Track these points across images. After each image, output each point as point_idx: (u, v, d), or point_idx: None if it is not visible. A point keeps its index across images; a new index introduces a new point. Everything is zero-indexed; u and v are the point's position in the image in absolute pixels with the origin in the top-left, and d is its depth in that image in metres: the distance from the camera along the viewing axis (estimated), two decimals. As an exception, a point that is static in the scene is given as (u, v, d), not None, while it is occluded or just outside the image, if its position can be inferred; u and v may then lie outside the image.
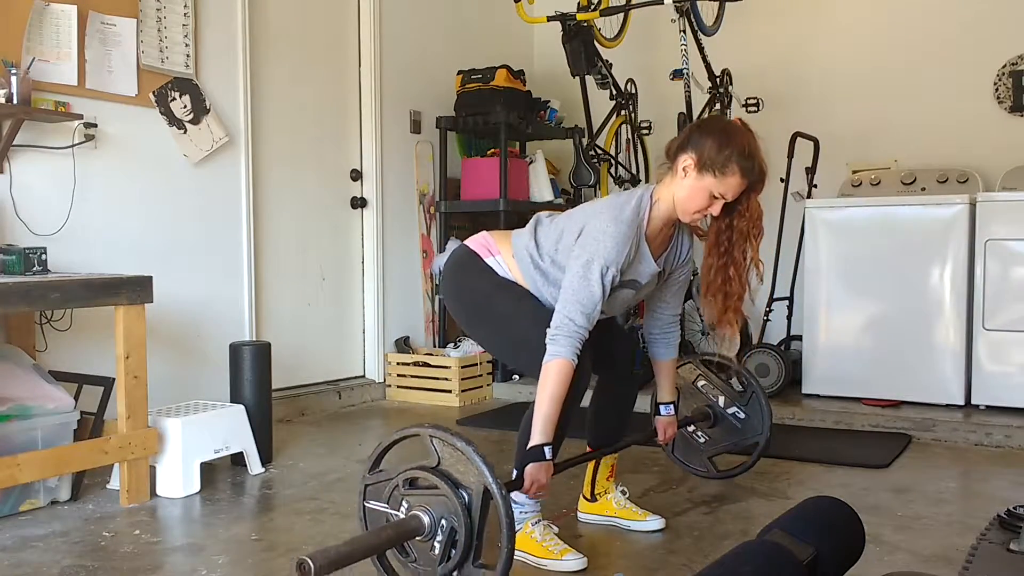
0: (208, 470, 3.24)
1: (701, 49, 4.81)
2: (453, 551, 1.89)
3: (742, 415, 3.00)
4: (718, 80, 4.94)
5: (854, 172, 5.00)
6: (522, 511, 2.42)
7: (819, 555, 1.70)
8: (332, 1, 4.75)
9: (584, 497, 2.76)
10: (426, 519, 1.91)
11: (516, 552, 2.39)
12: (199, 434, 3.15)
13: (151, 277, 2.99)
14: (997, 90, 4.79)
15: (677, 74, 4.66)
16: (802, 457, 3.52)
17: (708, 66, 4.86)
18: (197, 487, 3.10)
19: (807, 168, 4.84)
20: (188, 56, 3.90)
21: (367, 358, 4.98)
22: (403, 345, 5.03)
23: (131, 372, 2.93)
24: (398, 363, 4.92)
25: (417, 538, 1.92)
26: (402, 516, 1.95)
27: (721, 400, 3.03)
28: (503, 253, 2.47)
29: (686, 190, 2.31)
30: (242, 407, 3.34)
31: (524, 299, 2.43)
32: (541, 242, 2.43)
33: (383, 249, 4.95)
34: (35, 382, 2.91)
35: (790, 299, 4.76)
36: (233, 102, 4.14)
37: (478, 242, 2.53)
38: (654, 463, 3.46)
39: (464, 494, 1.89)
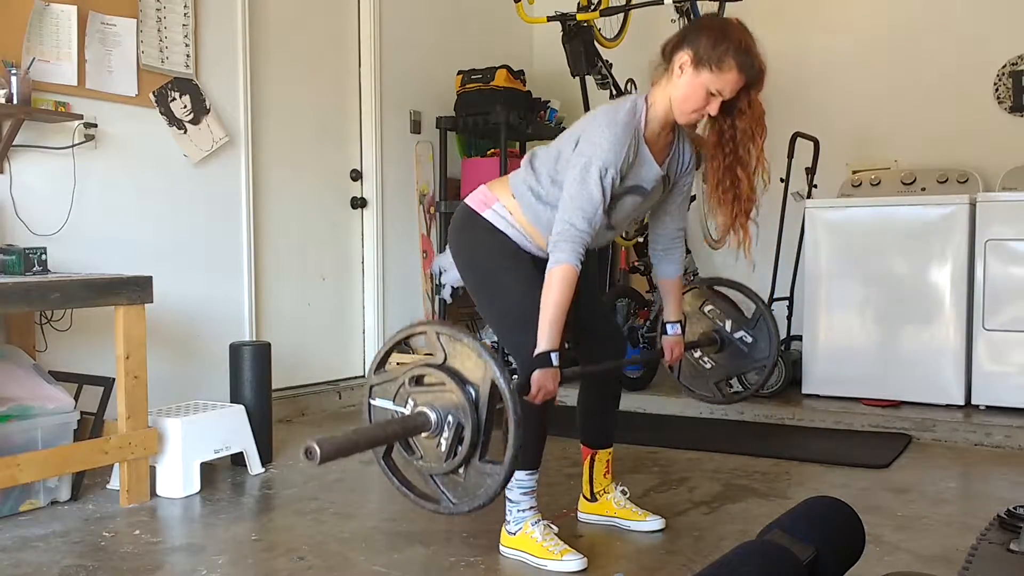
0: (208, 470, 3.24)
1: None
2: (459, 447, 1.88)
3: (749, 339, 2.96)
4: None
5: (854, 172, 5.00)
6: (522, 511, 2.43)
7: (819, 555, 1.70)
8: (332, 1, 4.75)
9: (584, 497, 2.75)
10: (433, 416, 1.90)
11: (516, 552, 2.41)
12: (199, 434, 3.15)
13: (151, 277, 2.99)
14: (997, 90, 4.79)
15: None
16: (802, 457, 3.52)
17: (708, 66, 4.85)
18: (197, 487, 3.10)
19: (807, 168, 4.84)
20: (188, 56, 3.90)
21: (367, 358, 4.98)
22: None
23: (131, 372, 2.93)
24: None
25: (423, 434, 1.91)
26: (408, 413, 1.93)
27: (728, 325, 2.99)
28: (501, 198, 2.45)
29: (683, 88, 2.29)
30: (242, 407, 3.34)
31: (517, 284, 2.39)
32: (539, 168, 2.40)
33: (383, 249, 4.95)
34: (35, 382, 2.91)
35: (790, 299, 4.76)
36: (233, 102, 4.14)
37: (476, 197, 2.51)
38: (654, 463, 3.47)
39: (471, 390, 1.88)
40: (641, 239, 4.88)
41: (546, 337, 2.21)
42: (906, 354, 4.17)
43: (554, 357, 2.20)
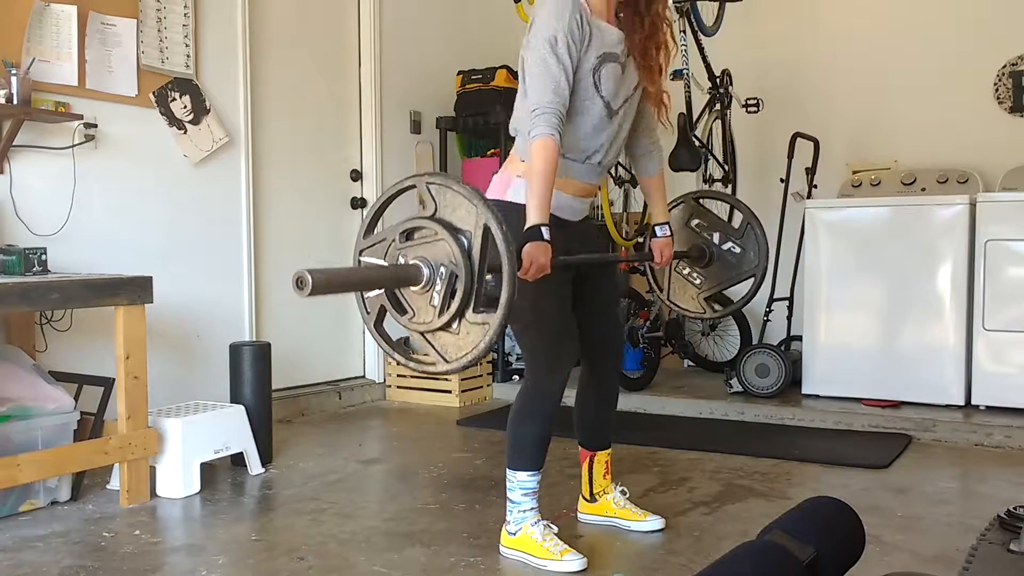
0: (208, 470, 3.24)
1: (701, 49, 4.81)
2: (452, 300, 1.85)
3: (737, 250, 2.91)
4: (718, 80, 4.94)
5: (854, 172, 5.00)
6: (522, 511, 2.43)
7: (819, 555, 1.70)
8: (332, 1, 4.75)
9: (584, 498, 2.75)
10: (425, 269, 1.87)
11: (516, 553, 2.41)
12: (199, 434, 3.15)
13: (151, 277, 2.99)
14: (997, 90, 4.79)
15: (677, 74, 4.65)
16: (802, 457, 3.52)
17: (708, 66, 4.85)
18: (197, 487, 3.10)
19: (807, 168, 4.84)
20: (188, 56, 3.90)
21: (367, 358, 4.98)
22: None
23: (131, 372, 2.93)
24: (398, 363, 4.90)
25: (415, 289, 1.88)
26: None
27: (716, 237, 2.94)
28: (515, 171, 2.44)
29: None
30: (242, 407, 3.34)
31: (550, 304, 2.40)
32: (519, 105, 2.43)
33: (383, 249, 4.94)
34: (35, 382, 2.91)
35: (790, 299, 4.76)
36: (233, 102, 4.14)
37: (495, 187, 2.50)
38: (654, 463, 3.47)
39: (463, 238, 1.85)
40: (641, 239, 4.88)
41: (536, 210, 2.20)
42: (906, 354, 4.16)
43: (544, 231, 2.19)
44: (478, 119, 5.03)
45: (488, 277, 1.88)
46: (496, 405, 4.73)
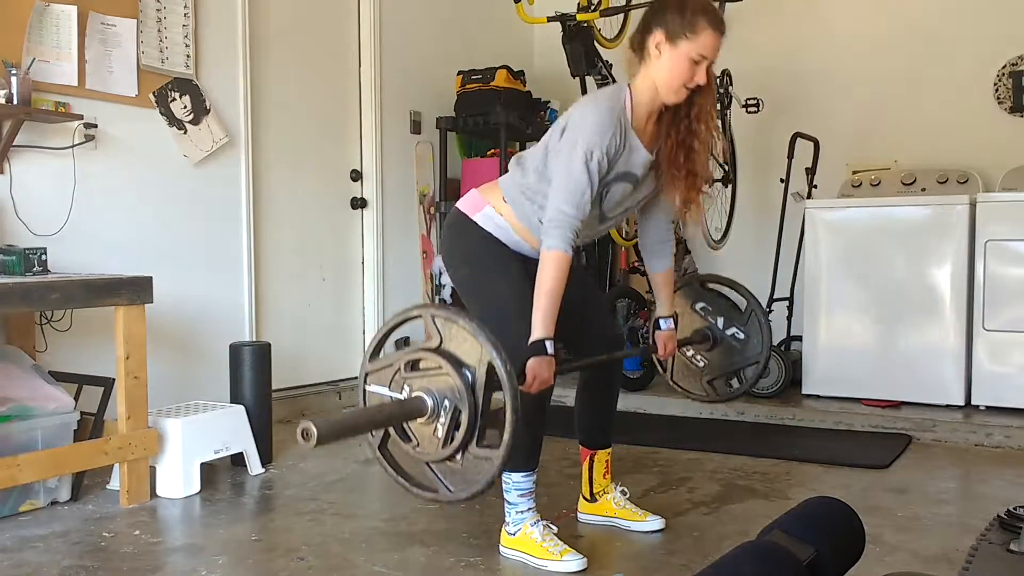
0: (208, 470, 3.24)
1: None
2: (456, 433, 1.86)
3: (741, 335, 2.94)
4: (718, 81, 4.94)
5: (854, 172, 5.00)
6: (520, 512, 2.43)
7: (819, 555, 1.70)
8: (332, 2, 4.75)
9: (584, 497, 2.75)
10: (429, 400, 1.88)
11: (516, 553, 2.41)
12: (199, 434, 3.15)
13: (151, 278, 2.99)
14: (997, 90, 4.79)
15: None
16: (802, 457, 3.52)
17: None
18: (197, 487, 3.10)
19: (807, 168, 4.84)
20: (188, 56, 3.90)
21: (367, 358, 4.97)
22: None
23: (131, 372, 2.93)
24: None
25: (419, 420, 1.89)
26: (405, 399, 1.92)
27: (720, 322, 2.97)
28: (492, 202, 2.45)
29: (665, 66, 2.30)
30: (242, 407, 3.34)
31: (506, 288, 2.39)
32: (526, 165, 2.41)
33: (383, 250, 4.95)
34: (35, 382, 2.91)
35: (790, 299, 4.77)
36: (233, 102, 4.14)
37: (467, 201, 2.51)
38: (654, 463, 3.47)
39: (467, 373, 1.86)
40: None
41: (540, 324, 2.21)
42: (906, 354, 4.17)
43: (549, 345, 2.20)
44: (478, 119, 5.03)
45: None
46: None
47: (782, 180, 4.78)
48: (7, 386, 2.84)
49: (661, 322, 2.75)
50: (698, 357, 3.03)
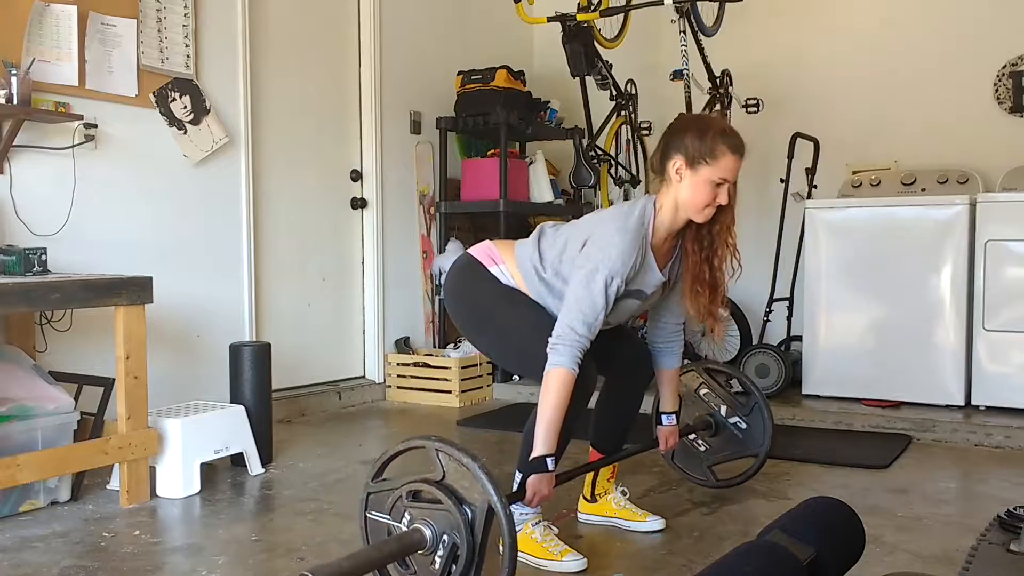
0: (208, 471, 3.24)
1: (701, 50, 4.82)
2: (454, 567, 1.87)
3: (743, 425, 2.98)
4: (718, 81, 4.94)
5: (854, 173, 5.00)
6: (522, 512, 2.42)
7: (819, 556, 1.70)
8: (332, 1, 4.75)
9: (584, 498, 2.75)
10: (428, 533, 1.89)
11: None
12: (199, 435, 3.15)
13: (151, 278, 2.99)
14: (997, 91, 4.79)
15: (677, 75, 4.66)
16: (802, 458, 3.52)
17: (708, 67, 4.86)
18: (197, 488, 3.10)
19: (807, 169, 4.85)
20: (188, 56, 3.90)
21: (367, 359, 4.98)
22: (403, 346, 5.03)
23: (131, 372, 2.93)
24: (398, 363, 4.92)
25: (419, 552, 1.90)
26: (404, 528, 1.93)
27: (723, 409, 3.01)
28: (507, 263, 2.47)
29: (688, 190, 2.31)
30: (242, 407, 3.34)
31: (526, 307, 2.42)
32: (545, 253, 2.42)
33: (383, 249, 4.95)
34: (35, 382, 2.91)
35: (790, 300, 4.77)
36: (233, 102, 4.14)
37: (482, 251, 2.53)
38: (654, 464, 3.46)
39: (468, 510, 1.87)
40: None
41: (542, 441, 2.23)
42: (906, 354, 4.16)
43: (550, 462, 2.24)
44: (478, 119, 5.03)
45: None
46: (496, 406, 4.72)
47: (782, 180, 4.78)
48: (7, 386, 2.84)
49: (663, 417, 2.76)
50: (699, 442, 3.07)
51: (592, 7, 4.50)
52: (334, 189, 4.79)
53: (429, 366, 4.82)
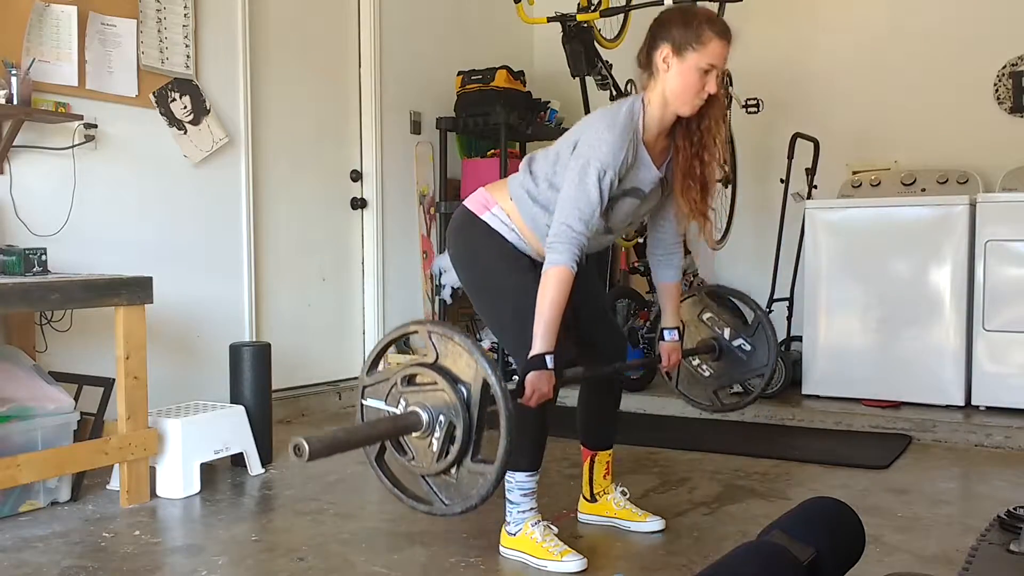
0: (208, 471, 3.24)
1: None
2: (451, 447, 1.87)
3: (748, 347, 2.93)
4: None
5: (854, 173, 5.00)
6: (521, 511, 2.43)
7: (819, 556, 1.70)
8: (332, 1, 4.75)
9: (584, 498, 2.75)
10: (424, 415, 1.89)
11: (516, 553, 2.41)
12: (199, 435, 3.15)
13: (151, 278, 2.99)
14: (997, 91, 4.79)
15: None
16: (802, 458, 3.52)
17: (708, 67, 4.85)
18: (197, 488, 3.10)
19: (807, 169, 4.84)
20: (188, 57, 3.90)
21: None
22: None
23: (131, 373, 2.93)
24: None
25: (415, 434, 1.90)
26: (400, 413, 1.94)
27: (726, 332, 2.96)
28: (500, 201, 2.46)
29: (675, 79, 2.30)
30: (242, 408, 3.34)
31: (516, 285, 2.39)
32: (536, 171, 2.41)
33: (383, 250, 4.95)
34: (35, 383, 2.91)
35: (790, 300, 4.76)
36: (233, 102, 4.14)
37: (475, 200, 2.51)
38: (654, 464, 3.47)
39: (463, 389, 1.87)
40: (641, 240, 4.88)
41: (541, 339, 2.21)
42: (906, 355, 4.16)
43: (549, 359, 2.21)
44: (478, 119, 5.03)
45: None
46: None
47: (782, 180, 4.78)
48: (7, 386, 2.84)
49: (666, 333, 2.74)
50: (704, 367, 3.04)
51: (592, 7, 4.50)
52: (334, 189, 4.79)
53: (429, 366, 4.81)
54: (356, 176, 4.89)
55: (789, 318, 4.77)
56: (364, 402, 2.04)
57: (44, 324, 3.32)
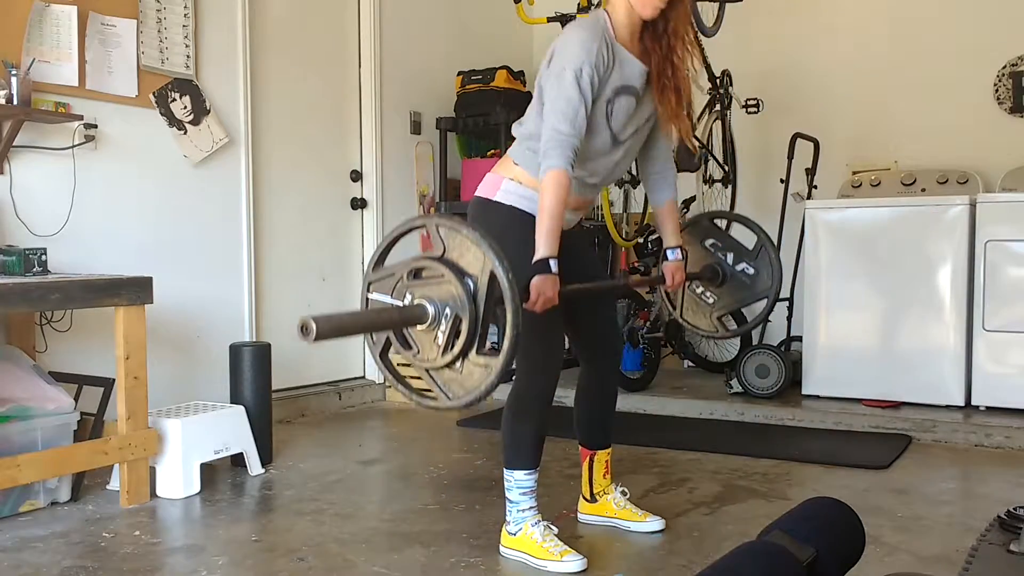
0: (208, 471, 3.24)
1: (701, 50, 4.81)
2: (456, 340, 1.87)
3: (751, 270, 2.90)
4: (718, 81, 4.94)
5: (854, 173, 5.00)
6: (521, 509, 2.43)
7: (819, 556, 1.70)
8: (332, 1, 4.75)
9: (584, 498, 2.75)
10: (431, 308, 1.89)
11: (516, 553, 2.41)
12: (199, 435, 3.15)
13: (151, 278, 2.99)
14: (997, 91, 4.79)
15: (677, 75, 4.65)
16: (802, 458, 3.52)
17: (708, 67, 4.85)
18: (197, 488, 3.10)
19: (807, 169, 4.84)
20: (188, 57, 3.90)
21: (367, 359, 4.97)
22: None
23: (131, 373, 2.93)
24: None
25: (420, 327, 1.90)
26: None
27: (729, 257, 2.93)
28: (507, 174, 2.44)
29: None
30: (242, 408, 3.34)
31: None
32: (526, 123, 2.43)
33: (383, 250, 4.94)
34: (35, 383, 2.91)
35: (790, 300, 4.76)
36: (233, 102, 4.14)
37: (485, 185, 2.50)
38: (654, 464, 3.47)
39: (469, 282, 1.87)
40: (641, 239, 4.88)
41: (544, 244, 2.21)
42: (906, 355, 4.16)
43: (553, 264, 2.20)
44: (478, 119, 5.03)
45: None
46: (496, 406, 4.71)
47: (782, 180, 4.78)
48: (7, 386, 2.84)
49: (668, 253, 2.72)
50: (707, 293, 2.97)
51: (592, 7, 4.50)
52: (334, 189, 4.79)
53: (429, 366, 4.81)
54: (356, 176, 4.89)
55: (789, 318, 4.77)
56: (369, 296, 2.03)
57: (44, 324, 3.32)
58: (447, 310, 1.88)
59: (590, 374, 2.69)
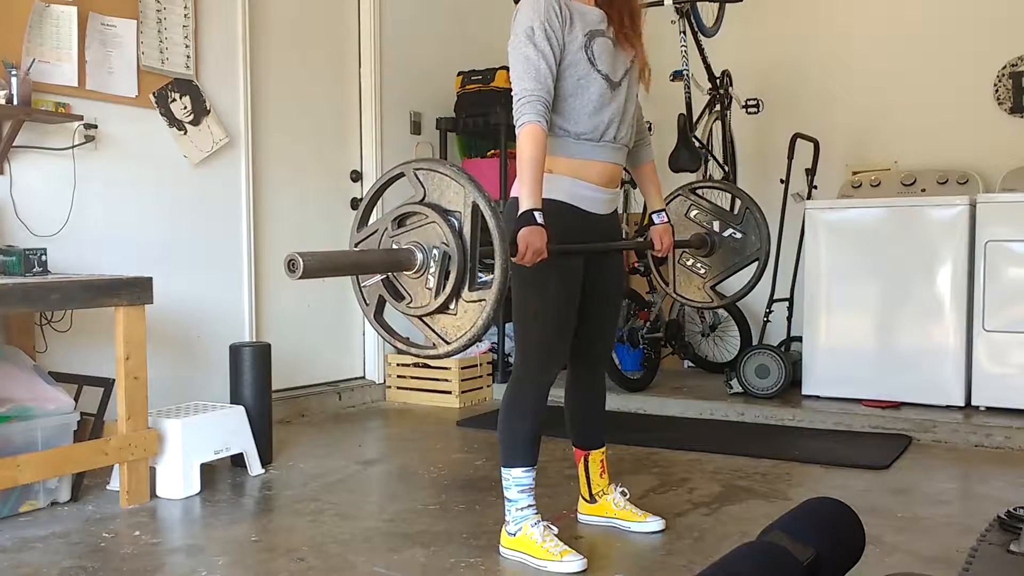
0: (208, 471, 3.24)
1: (701, 50, 4.81)
2: (447, 281, 1.88)
3: (738, 235, 2.90)
4: (718, 81, 4.94)
5: (854, 173, 5.00)
6: (520, 508, 2.43)
7: (819, 556, 1.70)
8: (332, 2, 4.75)
9: (583, 498, 2.75)
10: (419, 253, 1.90)
11: (515, 553, 2.41)
12: (199, 435, 3.15)
13: (151, 278, 2.99)
14: (997, 91, 4.79)
15: (677, 75, 4.66)
16: (802, 458, 3.52)
17: (708, 67, 4.86)
18: (197, 488, 3.10)
19: (807, 169, 4.84)
20: (188, 57, 3.90)
21: (367, 359, 4.98)
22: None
23: (131, 373, 2.93)
24: (398, 364, 4.92)
25: (410, 274, 1.91)
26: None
27: (716, 225, 2.93)
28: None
29: None
30: (242, 408, 3.34)
31: (546, 298, 2.38)
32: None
33: (383, 250, 4.95)
34: (35, 383, 2.91)
35: (790, 300, 4.77)
36: (233, 103, 4.14)
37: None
38: (654, 464, 3.47)
39: (453, 219, 1.88)
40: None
41: (528, 196, 2.23)
42: (906, 355, 4.16)
43: (538, 215, 2.21)
44: (478, 120, 5.03)
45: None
46: (496, 406, 4.72)
47: (782, 181, 4.78)
48: (7, 386, 2.84)
49: (655, 216, 2.71)
50: (698, 264, 2.98)
51: (592, 7, 4.49)
52: (334, 189, 4.79)
53: (429, 366, 4.82)
54: (356, 176, 4.89)
55: (789, 318, 4.77)
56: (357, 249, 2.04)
57: (44, 324, 3.32)
58: (435, 252, 1.89)
59: (577, 371, 2.68)
